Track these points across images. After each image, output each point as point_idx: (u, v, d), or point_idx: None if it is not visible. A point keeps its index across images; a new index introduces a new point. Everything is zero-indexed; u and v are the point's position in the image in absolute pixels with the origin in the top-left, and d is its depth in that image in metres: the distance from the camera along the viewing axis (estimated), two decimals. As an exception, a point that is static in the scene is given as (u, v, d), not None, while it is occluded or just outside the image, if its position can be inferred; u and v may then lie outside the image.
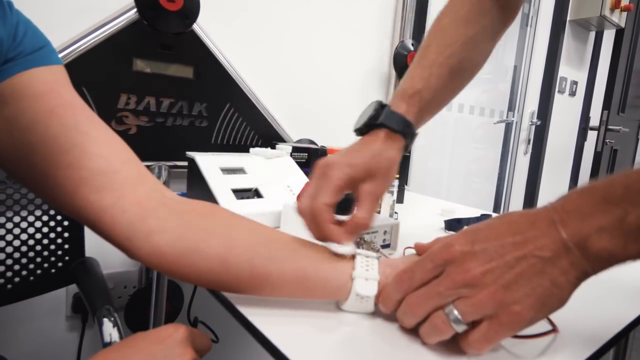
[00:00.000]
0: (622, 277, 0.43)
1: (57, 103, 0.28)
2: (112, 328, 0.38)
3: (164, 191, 0.31)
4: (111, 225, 0.28)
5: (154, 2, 0.66)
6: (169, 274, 0.29)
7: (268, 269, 0.29)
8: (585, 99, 2.18)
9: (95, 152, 0.28)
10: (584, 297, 0.35)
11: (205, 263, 0.28)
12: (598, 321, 0.33)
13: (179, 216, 0.30)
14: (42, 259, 0.51)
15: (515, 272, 0.22)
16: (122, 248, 0.29)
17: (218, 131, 0.82)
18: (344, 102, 1.06)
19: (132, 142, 0.70)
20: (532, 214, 0.23)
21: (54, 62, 0.30)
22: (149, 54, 0.71)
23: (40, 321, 0.66)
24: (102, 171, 0.28)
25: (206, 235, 0.29)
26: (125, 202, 0.28)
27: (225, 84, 0.80)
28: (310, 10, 0.95)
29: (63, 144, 0.28)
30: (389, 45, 1.12)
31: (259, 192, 0.54)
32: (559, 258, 0.21)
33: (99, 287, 0.45)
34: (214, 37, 0.77)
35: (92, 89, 0.66)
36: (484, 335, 0.23)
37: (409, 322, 0.27)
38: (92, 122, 0.30)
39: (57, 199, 0.29)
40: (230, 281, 0.29)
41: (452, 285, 0.23)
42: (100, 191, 0.28)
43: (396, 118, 0.37)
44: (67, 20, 0.65)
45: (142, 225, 0.28)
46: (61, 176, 0.28)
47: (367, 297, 0.29)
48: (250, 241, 0.30)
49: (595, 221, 0.21)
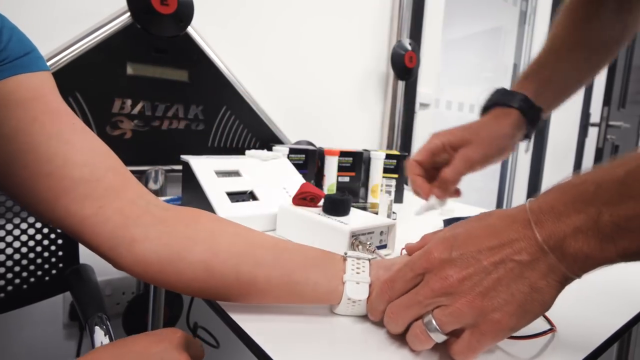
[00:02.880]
0: (621, 275, 0.42)
1: (42, 110, 0.28)
2: (104, 336, 0.37)
3: (148, 198, 0.31)
4: (93, 235, 0.28)
5: (147, 6, 0.66)
6: (154, 282, 0.29)
7: (254, 275, 0.28)
8: (585, 95, 2.17)
9: (78, 161, 0.28)
10: (583, 294, 0.36)
11: (190, 270, 0.28)
12: (596, 320, 0.32)
13: (163, 223, 0.29)
14: (35, 267, 0.51)
15: (493, 278, 0.21)
16: (106, 258, 0.28)
17: (215, 134, 0.81)
18: (342, 102, 1.05)
19: (127, 147, 0.71)
20: (510, 215, 0.23)
21: (40, 69, 0.29)
22: (143, 58, 0.71)
23: (37, 329, 0.66)
24: (84, 180, 0.28)
25: (190, 243, 0.28)
26: (107, 211, 0.28)
27: (222, 86, 0.80)
28: (306, 11, 0.95)
29: (44, 153, 0.27)
30: (386, 45, 1.12)
31: (254, 195, 0.54)
32: (537, 261, 0.21)
33: (92, 295, 0.44)
34: (209, 39, 0.77)
35: (85, 94, 0.66)
36: (466, 346, 0.23)
37: (394, 330, 0.27)
38: (76, 130, 0.29)
39: (38, 208, 0.28)
40: (216, 288, 0.28)
41: (430, 294, 0.23)
42: (82, 200, 0.28)
43: (508, 94, 0.40)
44: (61, 26, 0.65)
45: (125, 234, 0.28)
46: (42, 185, 0.27)
47: (358, 301, 0.29)
48: (235, 247, 0.29)
49: (570, 221, 0.20)
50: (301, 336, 0.27)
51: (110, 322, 0.40)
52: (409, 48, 1.06)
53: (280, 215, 0.51)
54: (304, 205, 0.50)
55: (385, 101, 1.14)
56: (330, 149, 0.76)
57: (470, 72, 1.68)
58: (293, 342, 0.26)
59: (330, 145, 0.89)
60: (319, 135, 0.98)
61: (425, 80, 1.24)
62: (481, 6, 1.84)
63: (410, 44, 1.07)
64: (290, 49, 0.93)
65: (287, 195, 0.55)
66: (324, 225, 0.44)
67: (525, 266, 0.21)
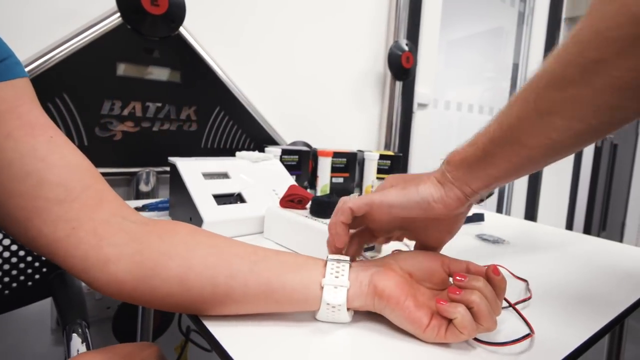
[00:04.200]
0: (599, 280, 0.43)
1: (16, 125, 0.26)
2: (81, 344, 0.36)
3: (125, 214, 0.29)
4: (67, 257, 0.27)
5: (138, 7, 0.65)
6: (130, 301, 0.28)
7: (230, 285, 0.27)
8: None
9: (52, 180, 0.27)
10: (562, 299, 0.36)
11: (166, 286, 0.27)
12: (574, 324, 0.31)
13: (138, 241, 0.28)
14: (18, 272, 0.50)
15: None
16: (81, 279, 0.28)
17: (208, 135, 0.80)
18: (339, 103, 1.04)
19: (117, 149, 0.70)
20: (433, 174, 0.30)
21: (17, 75, 0.28)
22: (134, 59, 0.70)
23: (24, 335, 0.65)
24: (58, 200, 0.27)
25: (164, 258, 0.28)
26: (80, 232, 0.27)
27: (215, 87, 0.79)
28: (303, 11, 0.94)
29: (17, 171, 0.26)
30: (383, 45, 1.10)
31: (242, 197, 0.52)
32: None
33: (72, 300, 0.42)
34: (202, 40, 0.76)
35: (74, 96, 0.65)
36: None
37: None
38: (52, 145, 0.28)
39: (9, 229, 0.27)
40: (193, 302, 0.28)
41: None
42: (55, 222, 0.26)
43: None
44: (48, 26, 0.64)
45: (98, 255, 0.27)
46: (14, 205, 0.26)
47: (338, 306, 0.28)
48: (210, 259, 0.28)
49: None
50: (273, 342, 0.26)
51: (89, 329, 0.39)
52: (406, 49, 1.05)
53: (267, 218, 0.49)
54: (292, 208, 0.48)
55: (382, 101, 1.12)
56: (324, 150, 0.75)
57: (472, 72, 1.67)
58: (262, 348, 0.25)
59: (328, 146, 0.88)
60: (315, 136, 0.97)
61: (423, 81, 1.23)
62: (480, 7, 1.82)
63: (407, 44, 1.05)
64: (287, 49, 0.92)
65: (276, 197, 0.54)
66: (309, 228, 0.43)
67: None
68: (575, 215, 2.06)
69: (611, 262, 0.48)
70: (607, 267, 0.46)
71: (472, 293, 0.26)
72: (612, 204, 2.18)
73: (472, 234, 0.58)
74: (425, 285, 0.29)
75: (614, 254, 0.52)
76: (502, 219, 0.71)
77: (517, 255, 0.49)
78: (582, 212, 2.07)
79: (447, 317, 0.26)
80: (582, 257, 0.50)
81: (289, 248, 0.46)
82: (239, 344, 0.26)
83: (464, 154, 0.27)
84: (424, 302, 0.28)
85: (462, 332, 0.26)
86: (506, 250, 0.51)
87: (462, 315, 0.26)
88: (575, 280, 0.42)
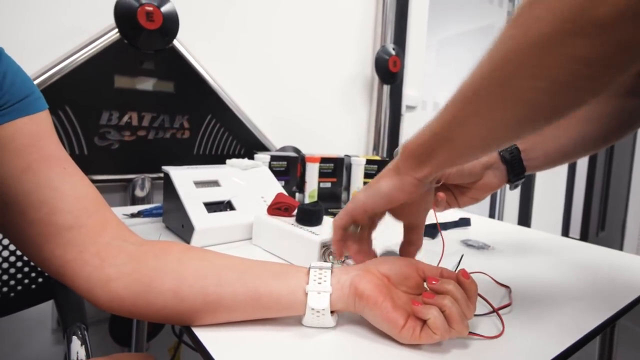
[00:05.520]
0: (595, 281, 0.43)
1: (35, 158, 0.30)
2: (80, 346, 0.39)
3: (125, 236, 0.33)
4: (74, 277, 0.30)
5: (134, 22, 0.68)
6: (130, 315, 0.31)
7: (220, 294, 0.30)
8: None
9: (63, 208, 0.30)
10: (558, 298, 0.37)
11: (161, 299, 0.30)
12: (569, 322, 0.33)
13: (136, 260, 0.31)
14: (22, 275, 0.53)
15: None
16: (85, 298, 0.31)
17: (200, 142, 0.83)
18: (328, 107, 1.07)
19: (115, 157, 0.73)
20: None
21: (39, 109, 0.32)
22: (130, 71, 0.73)
23: (25, 335, 0.68)
24: (68, 227, 0.30)
25: (159, 273, 0.31)
26: (85, 255, 0.30)
27: (207, 96, 0.82)
28: (290, 18, 0.96)
29: (35, 201, 0.30)
30: (370, 50, 1.13)
31: (231, 205, 0.55)
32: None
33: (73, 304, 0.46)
34: (194, 51, 0.79)
35: (75, 107, 0.68)
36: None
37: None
38: (64, 176, 0.31)
39: (26, 250, 0.31)
40: (185, 312, 0.30)
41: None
42: (65, 246, 0.30)
43: None
44: (53, 43, 0.67)
45: (101, 275, 0.30)
46: (31, 230, 0.30)
47: (322, 310, 0.30)
48: (200, 271, 0.31)
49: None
50: (259, 346, 0.29)
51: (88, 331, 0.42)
52: (393, 53, 1.08)
53: (255, 225, 0.52)
54: (279, 215, 0.51)
55: (370, 105, 1.16)
56: (311, 156, 0.78)
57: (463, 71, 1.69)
58: (247, 351, 0.28)
59: (317, 149, 0.91)
60: (304, 141, 1.00)
61: (412, 83, 1.26)
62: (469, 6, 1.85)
63: (394, 48, 1.08)
64: (275, 56, 0.95)
65: (264, 205, 0.57)
66: (295, 236, 0.45)
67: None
68: (572, 216, 1.97)
69: (598, 267, 0.48)
70: (594, 271, 0.46)
71: (444, 297, 0.29)
72: (610, 202, 2.07)
73: (457, 239, 0.57)
74: (401, 289, 0.32)
75: (601, 258, 0.52)
76: (490, 223, 0.70)
77: (502, 261, 0.49)
78: (579, 213, 1.98)
79: (421, 318, 0.29)
80: (569, 262, 0.49)
81: (276, 255, 0.48)
82: (223, 347, 0.28)
83: (411, 146, 0.30)
84: (400, 304, 0.30)
85: (435, 333, 0.28)
86: (491, 256, 0.50)
87: (435, 317, 0.28)
88: (560, 285, 0.42)
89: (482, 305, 0.35)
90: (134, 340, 0.67)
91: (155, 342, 0.79)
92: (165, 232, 0.56)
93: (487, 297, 0.36)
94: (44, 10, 0.67)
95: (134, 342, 0.67)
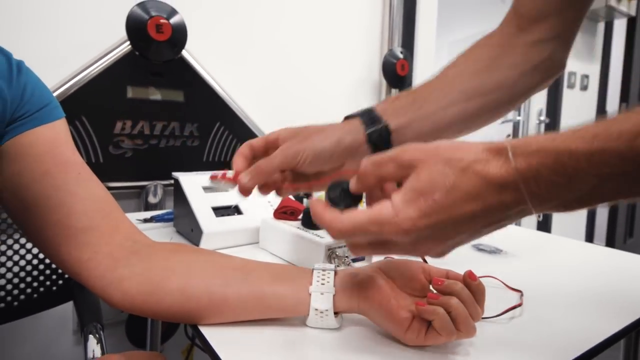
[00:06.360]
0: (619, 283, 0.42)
1: (52, 163, 0.32)
2: (96, 345, 0.41)
3: (136, 237, 0.35)
4: (90, 277, 0.32)
5: (144, 34, 0.71)
6: (141, 313, 0.33)
7: (225, 294, 0.31)
8: (600, 92, 2.09)
9: (79, 210, 0.32)
10: (579, 301, 0.36)
11: (168, 298, 0.31)
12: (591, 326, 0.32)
13: (147, 260, 0.33)
14: (44, 277, 0.56)
15: (471, 234, 0.24)
16: (100, 296, 0.33)
17: (209, 149, 0.85)
18: (335, 112, 1.07)
19: (128, 164, 0.76)
20: (496, 179, 0.21)
21: (56, 118, 0.34)
22: (142, 82, 0.76)
23: (47, 336, 0.71)
24: (84, 228, 0.32)
25: (168, 273, 0.32)
26: (99, 255, 0.32)
27: (215, 104, 0.84)
28: (297, 23, 0.98)
29: (53, 204, 0.32)
30: (378, 54, 1.13)
31: (239, 209, 0.57)
32: (519, 216, 0.22)
33: (90, 304, 0.48)
34: (203, 60, 0.82)
35: (91, 118, 0.72)
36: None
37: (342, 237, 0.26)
38: (79, 180, 0.33)
39: (47, 252, 0.34)
40: (192, 310, 0.31)
41: (398, 253, 0.25)
42: (81, 247, 0.32)
43: (363, 109, 0.38)
44: (70, 56, 0.71)
45: (114, 275, 0.32)
46: (50, 232, 0.32)
47: (325, 311, 0.31)
48: (206, 271, 0.33)
49: (554, 190, 0.20)
50: (264, 345, 0.29)
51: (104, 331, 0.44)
52: (401, 56, 1.07)
53: (262, 229, 0.54)
54: (285, 219, 0.52)
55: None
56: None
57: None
58: (252, 351, 0.28)
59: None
60: (313, 146, 1.00)
61: (421, 87, 1.25)
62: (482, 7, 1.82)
63: (402, 52, 1.08)
64: (283, 61, 0.97)
65: (270, 209, 0.58)
66: (301, 239, 0.46)
67: (505, 223, 0.23)
68: (597, 222, 1.88)
69: (626, 274, 0.46)
70: (620, 277, 0.44)
71: (451, 298, 0.28)
72: (639, 206, 1.98)
73: (468, 243, 0.58)
74: (406, 291, 0.31)
75: (629, 266, 0.49)
76: (506, 228, 0.68)
77: (515, 265, 0.47)
78: (604, 219, 1.89)
79: (426, 318, 0.28)
80: (593, 267, 0.47)
81: (283, 258, 0.49)
82: (229, 347, 0.28)
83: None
84: (405, 305, 0.29)
85: (441, 335, 0.27)
86: (503, 261, 0.49)
87: (441, 318, 0.27)
88: (581, 290, 0.40)
89: (490, 309, 0.34)
90: (148, 341, 0.69)
91: (169, 344, 0.81)
92: (176, 236, 0.57)
93: (497, 302, 0.35)
94: (62, 25, 0.70)
95: (149, 343, 0.70)
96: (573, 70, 1.90)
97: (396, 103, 0.38)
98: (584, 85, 2.00)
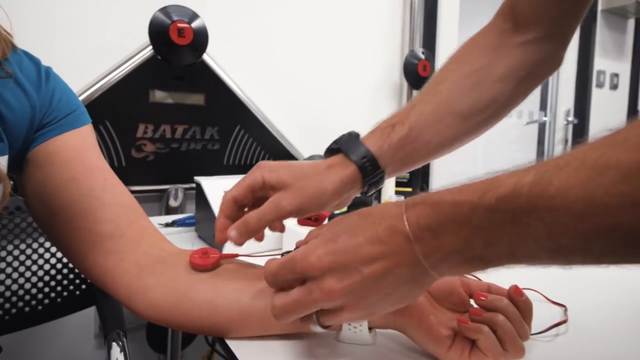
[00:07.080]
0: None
1: (79, 169, 0.32)
2: (119, 353, 0.40)
3: (162, 246, 0.34)
4: (115, 285, 0.31)
5: (166, 39, 0.71)
6: (166, 324, 0.31)
7: (255, 306, 0.29)
8: (631, 91, 1.99)
9: (105, 217, 0.32)
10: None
11: (196, 310, 0.30)
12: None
13: (173, 269, 0.32)
14: (68, 282, 0.56)
15: (374, 288, 0.23)
16: (125, 305, 0.32)
17: (230, 153, 0.85)
18: (355, 114, 1.06)
19: (150, 168, 0.76)
20: (391, 225, 0.22)
21: (83, 123, 0.34)
22: (164, 86, 0.76)
23: (69, 339, 0.72)
24: (109, 235, 0.31)
25: (195, 284, 0.31)
26: (125, 263, 0.31)
27: (235, 107, 0.84)
28: (316, 26, 0.97)
29: (79, 210, 0.31)
30: (399, 55, 1.11)
31: (261, 214, 0.55)
32: (415, 272, 0.22)
33: (113, 311, 0.47)
34: (223, 64, 0.82)
35: (114, 122, 0.72)
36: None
37: (278, 318, 0.26)
38: (106, 186, 0.33)
39: (72, 259, 0.33)
40: (221, 323, 0.30)
41: (312, 303, 0.24)
42: (107, 254, 0.31)
43: (354, 143, 0.34)
44: (94, 61, 0.72)
45: (139, 284, 0.31)
46: (76, 239, 0.31)
47: (359, 326, 0.28)
48: (235, 282, 0.31)
49: (446, 241, 0.21)
50: (288, 359, 0.28)
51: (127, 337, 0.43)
52: (422, 57, 1.05)
53: (286, 235, 0.52)
54: (309, 225, 0.51)
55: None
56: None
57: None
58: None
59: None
60: (332, 149, 0.99)
61: (443, 88, 1.22)
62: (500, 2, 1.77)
63: (424, 52, 1.05)
64: (303, 64, 0.96)
65: (293, 214, 0.56)
66: (325, 245, 0.45)
67: (404, 277, 0.23)
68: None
69: None
70: None
71: (496, 315, 0.26)
72: None
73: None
74: (445, 305, 0.29)
75: None
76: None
77: (556, 277, 0.43)
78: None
79: (470, 337, 0.26)
80: (633, 275, 0.43)
81: None
82: (253, 358, 0.27)
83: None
84: (445, 321, 0.27)
85: (487, 355, 0.25)
86: (543, 272, 0.45)
87: (486, 337, 0.25)
88: (623, 304, 0.37)
89: (532, 326, 0.31)
90: (169, 347, 0.69)
91: (189, 350, 0.80)
92: (197, 241, 0.56)
93: (538, 316, 0.31)
94: (87, 31, 0.72)
95: (169, 349, 0.69)
96: (602, 69, 1.81)
97: (392, 137, 0.34)
98: (614, 84, 1.90)
